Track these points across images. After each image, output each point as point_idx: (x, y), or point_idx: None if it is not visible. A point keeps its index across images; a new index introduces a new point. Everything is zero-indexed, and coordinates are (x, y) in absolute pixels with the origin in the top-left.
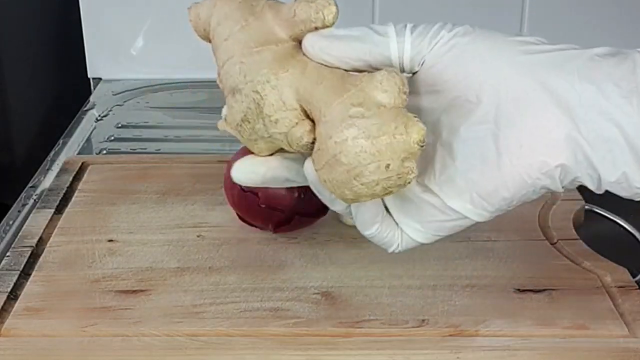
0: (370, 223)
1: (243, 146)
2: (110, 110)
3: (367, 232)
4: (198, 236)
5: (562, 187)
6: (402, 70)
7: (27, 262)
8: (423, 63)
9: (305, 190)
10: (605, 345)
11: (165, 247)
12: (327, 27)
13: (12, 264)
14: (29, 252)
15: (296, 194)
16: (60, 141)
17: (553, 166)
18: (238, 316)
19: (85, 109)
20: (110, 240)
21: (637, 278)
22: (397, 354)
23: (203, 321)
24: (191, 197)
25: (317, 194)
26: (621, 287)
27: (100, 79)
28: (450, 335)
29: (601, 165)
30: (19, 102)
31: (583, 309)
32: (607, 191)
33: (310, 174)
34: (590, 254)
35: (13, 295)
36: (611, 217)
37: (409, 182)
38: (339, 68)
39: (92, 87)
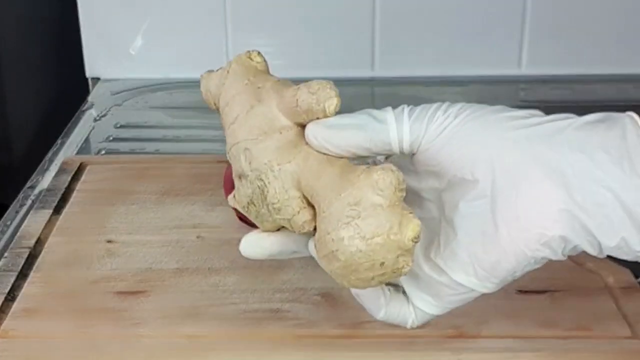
0: (376, 309)
1: None
2: (108, 110)
3: (377, 317)
4: (197, 237)
5: (564, 256)
6: (403, 153)
7: (25, 263)
8: (420, 146)
9: None
10: (608, 347)
11: (164, 247)
12: (329, 116)
13: (9, 265)
14: (27, 253)
15: None
16: (59, 141)
17: (550, 237)
18: (238, 317)
19: (84, 108)
20: (109, 241)
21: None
22: (398, 355)
23: (202, 322)
24: (190, 197)
25: None
26: (624, 288)
27: (98, 78)
28: (452, 337)
29: (599, 232)
30: (17, 101)
31: (586, 310)
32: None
33: (315, 255)
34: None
35: (11, 297)
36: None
37: (404, 274)
38: (341, 157)
39: (90, 87)
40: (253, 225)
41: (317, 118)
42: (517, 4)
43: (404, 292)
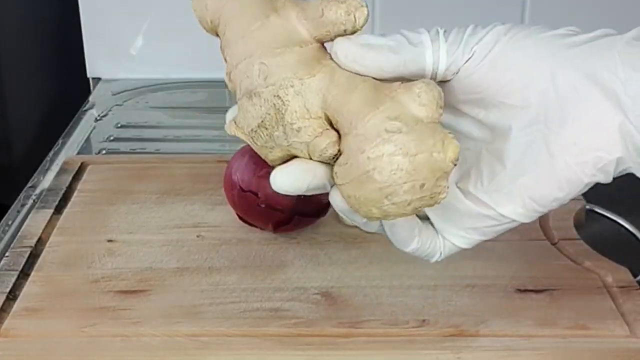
0: (408, 240)
1: (243, 146)
2: (109, 110)
3: (407, 249)
4: (198, 236)
5: (612, 179)
6: (434, 79)
7: (26, 263)
8: (459, 71)
9: None
10: (606, 346)
11: (164, 247)
12: (357, 30)
13: (11, 264)
14: (28, 253)
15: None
16: (60, 141)
17: (609, 160)
18: (238, 316)
19: (85, 108)
20: (110, 241)
21: (638, 278)
22: (398, 354)
23: (203, 321)
24: (191, 197)
25: (347, 218)
26: (622, 287)
27: (99, 78)
28: (451, 336)
29: None
30: (18, 102)
31: (584, 309)
32: (607, 190)
33: (338, 203)
34: (591, 253)
35: (12, 296)
36: (612, 217)
37: (441, 201)
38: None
39: (91, 87)
40: (253, 225)
41: (344, 31)
42: (516, 3)
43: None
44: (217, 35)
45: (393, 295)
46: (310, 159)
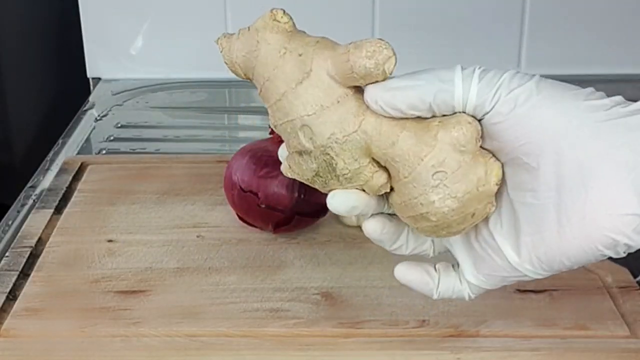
0: (428, 293)
1: (243, 146)
2: (109, 110)
3: (433, 297)
4: (198, 236)
5: (623, 254)
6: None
7: (26, 263)
8: (487, 116)
9: (305, 190)
10: (606, 346)
11: (164, 247)
12: (387, 77)
13: (11, 264)
14: (28, 253)
15: (296, 194)
16: (60, 141)
17: (617, 242)
18: (238, 317)
19: (85, 108)
20: (110, 241)
21: (638, 278)
22: (398, 354)
23: (203, 322)
24: (191, 197)
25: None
26: (622, 287)
27: (99, 78)
28: (451, 336)
29: None
30: (18, 102)
31: (584, 310)
32: None
33: (371, 233)
34: None
35: (12, 296)
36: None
37: (491, 214)
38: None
39: (91, 87)
40: (253, 225)
41: (376, 80)
42: (516, 3)
43: (453, 266)
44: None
45: (393, 295)
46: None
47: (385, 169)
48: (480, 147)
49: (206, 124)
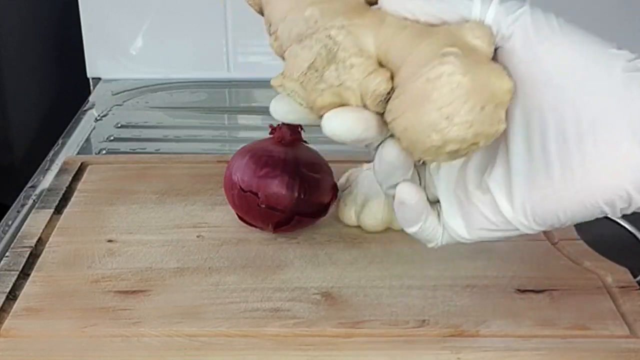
0: (413, 222)
1: (243, 146)
2: (109, 110)
3: (409, 230)
4: (198, 236)
5: (620, 213)
6: None
7: (26, 263)
8: (502, 42)
9: (305, 190)
10: (606, 346)
11: (164, 247)
12: None
13: (11, 264)
14: (28, 253)
15: (296, 194)
16: (60, 141)
17: (617, 197)
18: (238, 316)
19: (85, 108)
20: (110, 241)
21: (638, 278)
22: (398, 354)
23: (203, 321)
24: (191, 197)
25: (390, 180)
26: (622, 287)
27: (99, 78)
28: (451, 336)
29: None
30: (18, 102)
31: (584, 310)
32: None
33: (390, 154)
34: (591, 254)
35: (12, 296)
36: (612, 217)
37: (498, 134)
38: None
39: (91, 87)
40: (253, 225)
41: None
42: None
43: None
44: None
45: (393, 295)
46: (363, 105)
47: (385, 68)
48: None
49: (206, 124)
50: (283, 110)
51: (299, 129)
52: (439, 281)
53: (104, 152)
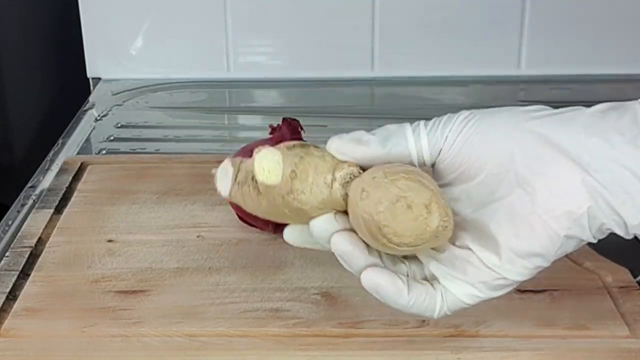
0: (397, 296)
1: (243, 146)
2: (109, 110)
3: (398, 306)
4: (198, 236)
5: (594, 237)
6: (422, 164)
7: (26, 263)
8: (440, 154)
9: None
10: (606, 346)
11: (164, 247)
12: None
13: (11, 264)
14: (28, 253)
15: None
16: (60, 141)
17: (579, 213)
18: (238, 316)
19: (85, 108)
20: (110, 241)
21: (638, 278)
22: (398, 354)
23: (203, 322)
24: (191, 197)
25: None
26: (622, 287)
27: (99, 78)
28: (451, 336)
29: (623, 210)
30: (18, 102)
31: (584, 310)
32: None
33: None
34: (591, 254)
35: (12, 296)
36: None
37: (449, 235)
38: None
39: (91, 87)
40: (253, 225)
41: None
42: (516, 4)
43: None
44: None
45: None
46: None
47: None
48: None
49: (206, 124)
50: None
51: (299, 129)
52: None
53: (104, 152)
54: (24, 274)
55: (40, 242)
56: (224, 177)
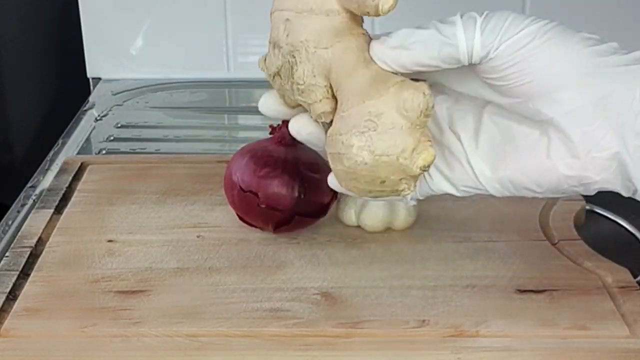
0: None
1: (243, 146)
2: (109, 110)
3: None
4: (198, 236)
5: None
6: (470, 63)
7: (26, 263)
8: (488, 58)
9: (305, 190)
10: (606, 346)
11: (164, 247)
12: (380, 15)
13: (11, 264)
14: (28, 253)
15: (296, 194)
16: (60, 141)
17: (593, 180)
18: (238, 317)
19: (85, 108)
20: (110, 241)
21: (638, 278)
22: (398, 354)
23: (203, 322)
24: (191, 197)
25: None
26: (622, 287)
27: (99, 78)
28: (451, 336)
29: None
30: (18, 102)
31: (584, 310)
32: (607, 190)
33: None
34: (591, 254)
35: (12, 296)
36: (612, 217)
37: (403, 197)
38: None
39: (91, 87)
40: (253, 225)
41: (368, 13)
42: (516, 4)
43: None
44: None
45: (393, 295)
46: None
47: (335, 100)
48: (426, 124)
49: (206, 124)
50: (266, 106)
51: None
52: (439, 281)
53: (104, 152)
54: (24, 274)
55: (40, 242)
56: None
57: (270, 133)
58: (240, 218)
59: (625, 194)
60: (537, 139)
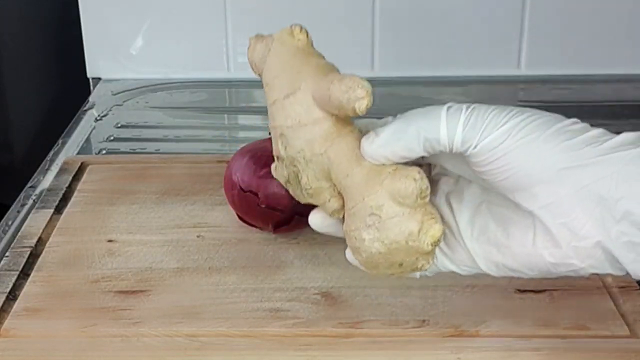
0: None
1: (243, 146)
2: (109, 110)
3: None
4: (198, 236)
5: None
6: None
7: (26, 263)
8: (470, 151)
9: None
10: (606, 346)
11: (164, 247)
12: (359, 115)
13: (11, 264)
14: (28, 253)
15: None
16: (60, 141)
17: (580, 267)
18: (238, 316)
19: (85, 108)
20: (110, 241)
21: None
22: (398, 354)
23: (203, 321)
24: (191, 197)
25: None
26: (622, 287)
27: (99, 78)
28: (451, 336)
29: (631, 266)
30: (18, 102)
31: (584, 310)
32: None
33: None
34: None
35: (12, 296)
36: None
37: (424, 270)
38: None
39: (91, 87)
40: (253, 226)
41: (348, 115)
42: (516, 4)
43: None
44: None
45: (393, 295)
46: None
47: (342, 197)
48: (427, 203)
49: (206, 124)
50: (317, 222)
51: None
52: (439, 281)
53: (104, 152)
54: (24, 274)
55: (40, 242)
56: None
57: (270, 133)
58: (240, 218)
59: (617, 274)
60: (526, 227)
